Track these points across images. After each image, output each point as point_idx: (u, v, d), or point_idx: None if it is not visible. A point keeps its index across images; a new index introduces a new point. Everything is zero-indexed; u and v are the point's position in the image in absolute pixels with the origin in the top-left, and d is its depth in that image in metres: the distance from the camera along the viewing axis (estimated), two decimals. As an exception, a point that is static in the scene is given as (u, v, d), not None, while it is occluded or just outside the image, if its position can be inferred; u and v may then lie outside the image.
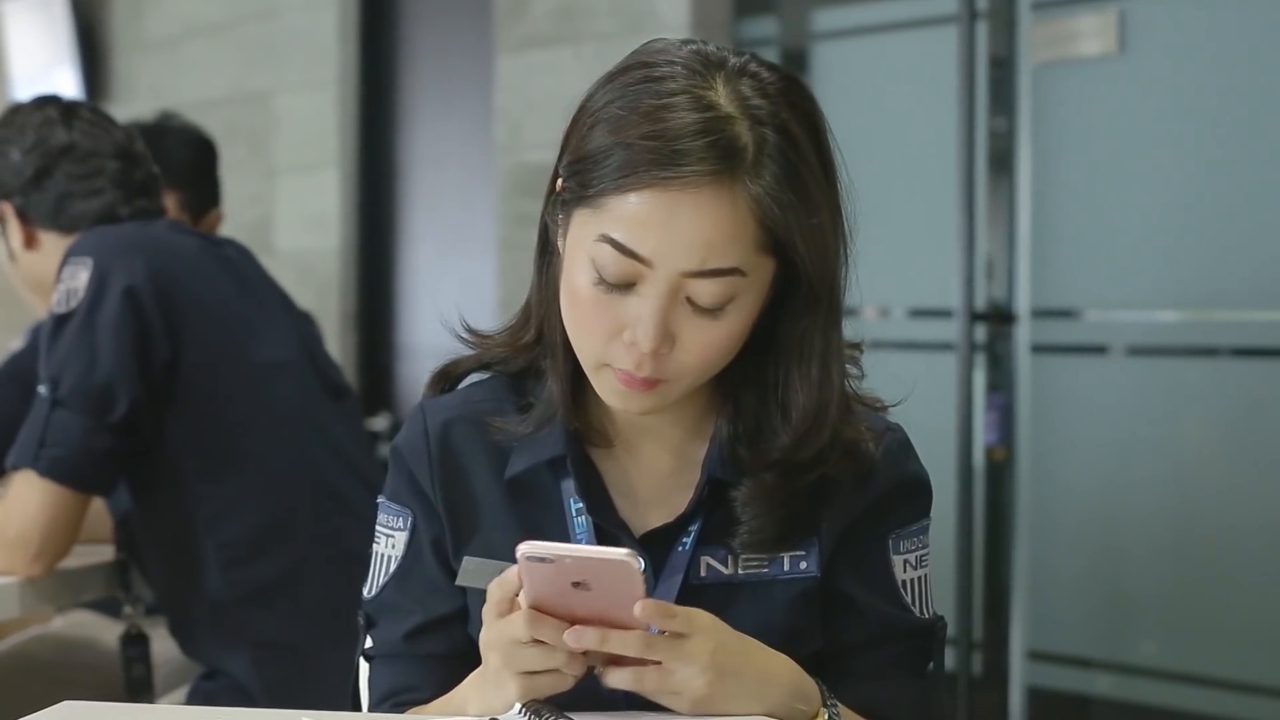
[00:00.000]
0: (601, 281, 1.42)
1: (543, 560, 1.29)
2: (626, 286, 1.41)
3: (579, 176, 1.43)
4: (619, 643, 1.32)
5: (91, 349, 2.38)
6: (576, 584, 1.30)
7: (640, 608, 1.30)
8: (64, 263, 2.45)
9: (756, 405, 1.51)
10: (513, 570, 1.34)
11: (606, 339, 1.43)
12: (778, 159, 1.39)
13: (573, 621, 1.32)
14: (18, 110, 2.65)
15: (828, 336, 1.49)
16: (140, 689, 2.59)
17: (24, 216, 2.59)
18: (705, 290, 1.40)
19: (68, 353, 2.38)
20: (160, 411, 2.45)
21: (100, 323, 2.38)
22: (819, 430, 1.48)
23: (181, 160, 2.97)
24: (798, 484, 1.48)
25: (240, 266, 2.66)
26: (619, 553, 1.29)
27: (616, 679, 1.35)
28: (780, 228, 1.40)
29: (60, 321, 2.40)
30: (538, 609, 1.32)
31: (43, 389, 2.40)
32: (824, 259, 1.44)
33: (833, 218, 1.45)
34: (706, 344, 1.43)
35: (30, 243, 2.60)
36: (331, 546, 2.52)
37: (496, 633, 1.35)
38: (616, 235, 1.39)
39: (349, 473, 2.59)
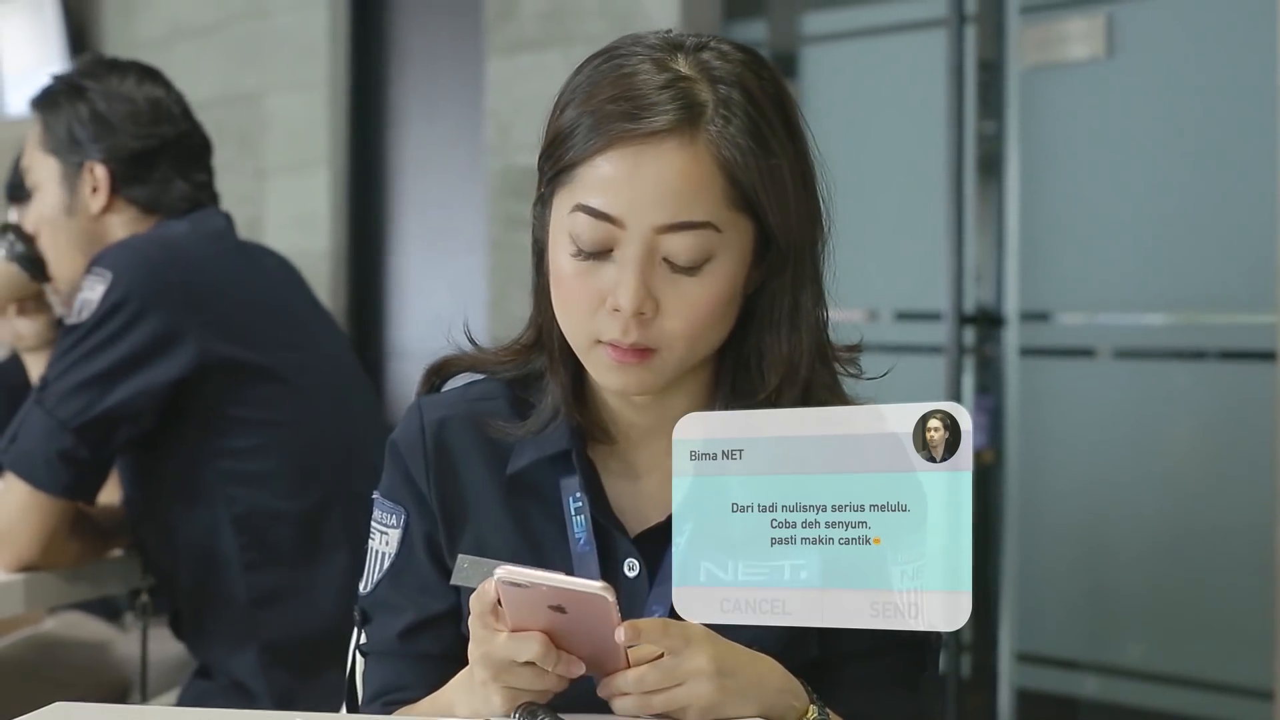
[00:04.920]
0: (580, 252, 1.45)
1: (518, 585, 1.30)
2: (604, 254, 1.44)
3: (554, 157, 1.48)
4: (608, 687, 1.35)
5: (83, 364, 2.37)
6: (554, 607, 1.31)
7: (622, 633, 1.31)
8: (88, 269, 2.43)
9: (747, 397, 1.52)
10: (489, 583, 1.34)
11: (591, 311, 1.46)
12: (738, 112, 1.44)
13: (554, 638, 1.33)
14: (114, 69, 2.61)
15: (796, 298, 1.51)
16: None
17: (114, 182, 2.56)
18: (680, 246, 1.43)
19: (64, 361, 2.38)
20: (174, 424, 2.44)
21: (97, 342, 2.37)
22: (791, 381, 1.50)
23: None
24: None
25: (274, 275, 2.65)
26: (592, 585, 1.29)
27: (623, 706, 1.36)
28: (741, 172, 1.43)
29: (69, 330, 2.40)
30: (520, 625, 1.33)
31: (36, 383, 2.41)
32: (785, 210, 1.47)
33: (797, 174, 1.48)
34: (690, 305, 1.45)
35: (109, 208, 2.57)
36: (355, 549, 2.50)
37: (487, 649, 1.35)
38: (589, 201, 1.43)
39: (373, 473, 2.58)
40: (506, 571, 1.30)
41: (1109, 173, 3.66)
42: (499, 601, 1.34)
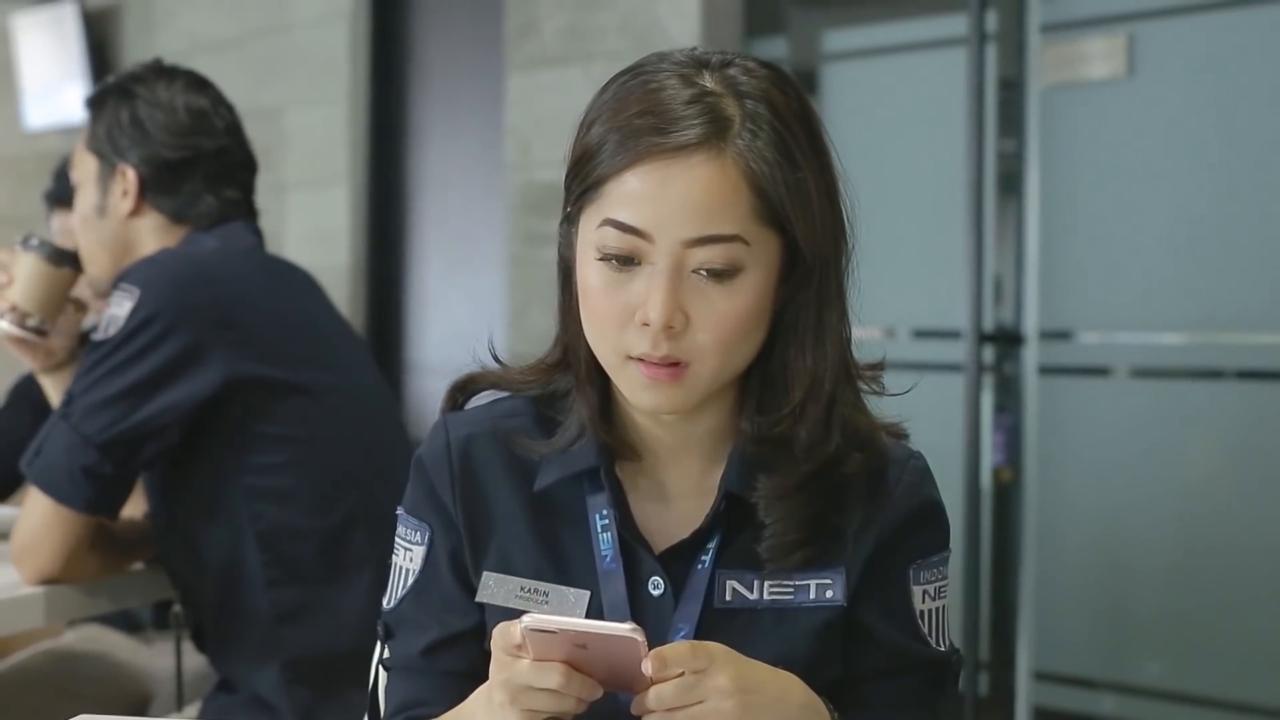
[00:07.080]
0: (608, 267, 1.45)
1: (546, 633, 1.30)
2: (633, 268, 1.45)
3: (581, 174, 1.48)
4: (639, 705, 1.34)
5: (109, 380, 2.38)
6: (580, 646, 1.31)
7: (649, 665, 1.30)
8: (115, 284, 2.44)
9: (772, 414, 1.52)
10: (514, 626, 1.34)
11: (621, 326, 1.46)
12: (765, 127, 1.44)
13: (577, 665, 1.33)
14: (163, 75, 2.62)
15: (820, 313, 1.51)
16: None
17: (142, 188, 2.58)
18: (709, 260, 1.43)
19: (90, 376, 2.39)
20: (199, 441, 2.45)
21: (124, 358, 2.38)
22: (815, 397, 1.50)
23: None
24: (813, 472, 1.49)
25: (303, 291, 2.66)
26: (622, 628, 1.29)
27: None
28: (768, 185, 1.44)
29: (95, 346, 2.41)
30: (544, 657, 1.33)
31: (61, 398, 2.42)
32: (811, 223, 1.47)
33: (822, 188, 1.49)
34: (719, 319, 1.44)
35: (136, 212, 2.59)
36: (379, 567, 2.50)
37: (508, 675, 1.35)
38: (617, 216, 1.44)
39: (398, 490, 2.57)
40: (533, 619, 1.30)
41: (1128, 192, 3.67)
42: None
